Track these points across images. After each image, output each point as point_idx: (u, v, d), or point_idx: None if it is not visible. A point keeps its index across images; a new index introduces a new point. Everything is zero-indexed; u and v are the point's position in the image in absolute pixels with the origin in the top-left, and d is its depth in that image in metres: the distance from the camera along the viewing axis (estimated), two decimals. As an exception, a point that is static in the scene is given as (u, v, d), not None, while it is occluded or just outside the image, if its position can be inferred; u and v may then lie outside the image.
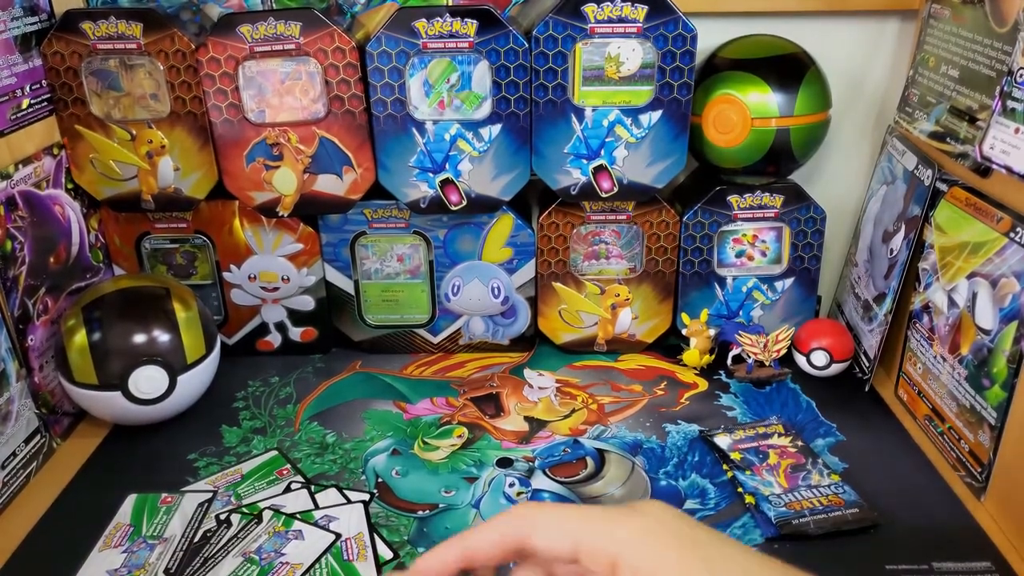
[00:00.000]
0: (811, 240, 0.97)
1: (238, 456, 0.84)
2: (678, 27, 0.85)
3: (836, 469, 0.80)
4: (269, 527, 0.72)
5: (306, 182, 0.92)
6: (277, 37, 0.85)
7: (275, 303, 1.00)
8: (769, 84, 0.88)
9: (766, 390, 0.94)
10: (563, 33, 0.85)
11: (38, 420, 0.83)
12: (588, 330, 1.02)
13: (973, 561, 0.69)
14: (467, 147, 0.90)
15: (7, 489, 0.78)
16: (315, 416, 0.90)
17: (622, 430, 0.87)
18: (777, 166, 0.92)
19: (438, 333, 1.03)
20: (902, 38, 0.98)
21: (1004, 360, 0.71)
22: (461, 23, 0.84)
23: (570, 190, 0.93)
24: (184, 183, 0.92)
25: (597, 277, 0.99)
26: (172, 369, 0.84)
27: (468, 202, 0.92)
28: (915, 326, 0.87)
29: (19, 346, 0.80)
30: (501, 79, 0.87)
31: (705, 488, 0.79)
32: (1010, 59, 0.71)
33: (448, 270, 0.98)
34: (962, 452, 0.79)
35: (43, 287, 0.85)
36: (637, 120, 0.88)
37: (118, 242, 0.97)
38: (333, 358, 1.03)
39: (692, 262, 0.98)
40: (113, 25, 0.85)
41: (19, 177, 0.81)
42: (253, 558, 0.69)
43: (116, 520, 0.75)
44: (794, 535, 0.72)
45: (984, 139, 0.72)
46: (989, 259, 0.74)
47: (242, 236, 0.96)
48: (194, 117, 0.89)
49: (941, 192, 0.83)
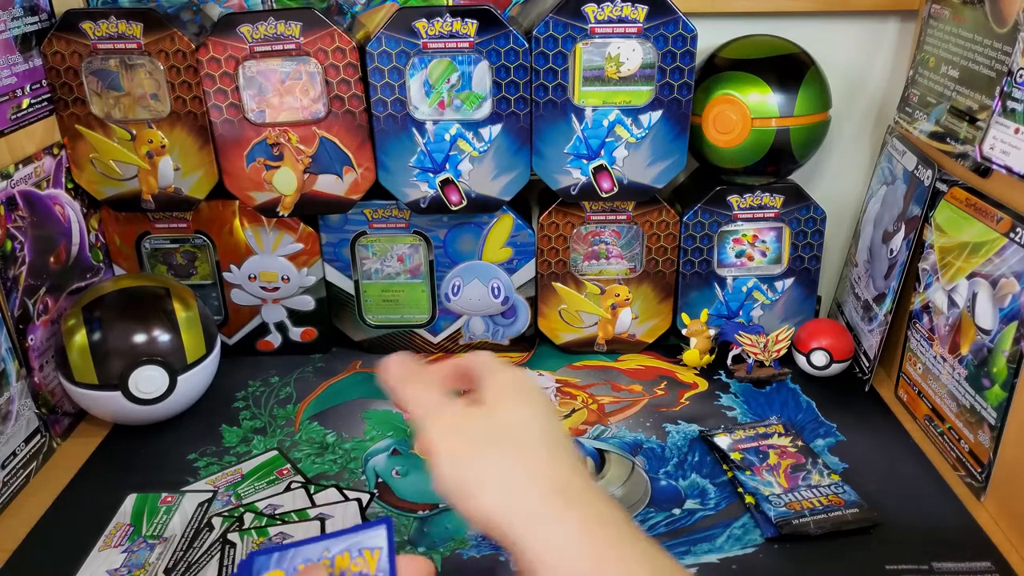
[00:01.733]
0: (811, 240, 0.97)
1: (238, 456, 0.84)
2: (678, 27, 0.85)
3: (836, 469, 0.80)
4: (247, 546, 0.71)
5: (306, 182, 0.92)
6: (277, 37, 0.85)
7: (275, 303, 1.00)
8: (769, 84, 0.88)
9: (766, 390, 0.94)
10: (563, 33, 0.85)
11: (38, 420, 0.83)
12: (588, 330, 1.02)
13: (973, 561, 0.69)
14: (467, 147, 0.90)
15: (7, 489, 0.78)
16: (315, 416, 0.91)
17: (622, 430, 0.87)
18: (777, 166, 0.92)
19: (438, 333, 1.03)
20: (902, 38, 0.98)
21: (1004, 360, 0.71)
22: (461, 23, 0.84)
23: (570, 190, 0.93)
24: (184, 183, 0.92)
25: (597, 277, 1.00)
26: (172, 369, 0.84)
27: (468, 202, 0.92)
28: (915, 326, 0.87)
29: (19, 346, 0.80)
30: (501, 79, 0.87)
31: (705, 488, 0.79)
32: (1010, 59, 0.71)
33: (448, 270, 0.98)
34: (962, 452, 0.79)
35: (43, 287, 0.85)
36: (637, 120, 0.88)
37: (118, 242, 0.97)
38: (333, 358, 1.03)
39: (692, 262, 0.98)
40: (113, 25, 0.85)
41: (19, 177, 0.81)
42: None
43: (116, 520, 0.75)
44: (794, 535, 0.72)
45: (984, 139, 0.72)
46: (989, 259, 0.74)
47: (242, 236, 0.96)
48: (194, 117, 0.89)
49: (941, 192, 0.83)
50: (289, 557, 0.46)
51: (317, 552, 0.46)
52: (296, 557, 0.46)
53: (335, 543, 0.46)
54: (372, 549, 0.45)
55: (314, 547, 0.46)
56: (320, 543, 0.46)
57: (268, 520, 0.74)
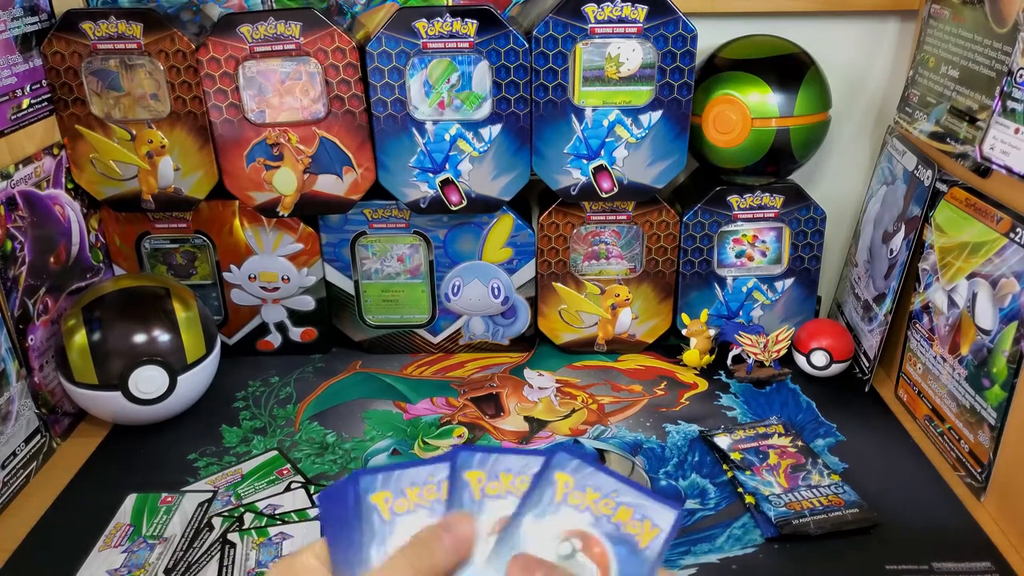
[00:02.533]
0: (811, 240, 0.97)
1: (238, 456, 0.84)
2: (678, 27, 0.85)
3: (836, 469, 0.80)
4: (247, 546, 0.71)
5: (306, 182, 0.92)
6: (277, 37, 0.85)
7: (275, 303, 1.00)
8: (769, 84, 0.88)
9: (766, 390, 0.94)
10: (563, 33, 0.85)
11: (38, 420, 0.83)
12: (588, 330, 1.02)
13: (973, 561, 0.69)
14: (467, 147, 0.90)
15: (7, 489, 0.78)
16: (315, 416, 0.91)
17: (622, 430, 0.87)
18: (777, 166, 0.92)
19: (438, 333, 1.03)
20: (902, 38, 0.98)
21: (1004, 360, 0.71)
22: (461, 23, 0.84)
23: (570, 190, 0.93)
24: (184, 183, 0.92)
25: (597, 277, 1.00)
26: (172, 369, 0.84)
27: (468, 202, 0.92)
28: (915, 326, 0.87)
29: (19, 346, 0.80)
30: (501, 79, 0.87)
31: (705, 488, 0.79)
32: (1010, 59, 0.71)
33: (448, 270, 0.98)
34: (962, 452, 0.79)
35: (43, 287, 0.85)
36: (637, 120, 0.88)
37: (118, 242, 0.97)
38: (333, 358, 1.03)
39: (692, 262, 0.98)
40: (113, 25, 0.85)
41: (19, 177, 0.81)
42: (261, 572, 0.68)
43: (116, 520, 0.75)
44: (794, 535, 0.72)
45: (984, 139, 0.72)
46: (989, 259, 0.74)
47: (242, 236, 0.96)
48: (194, 117, 0.89)
49: (941, 192, 0.83)
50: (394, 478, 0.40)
51: (419, 477, 0.41)
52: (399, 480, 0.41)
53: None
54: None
55: (411, 472, 0.41)
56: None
57: (268, 520, 0.74)
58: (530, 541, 0.39)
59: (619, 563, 0.39)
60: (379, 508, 0.41)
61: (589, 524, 0.39)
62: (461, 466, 0.41)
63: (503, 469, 0.41)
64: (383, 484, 0.41)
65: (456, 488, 0.40)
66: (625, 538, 0.39)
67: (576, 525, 0.39)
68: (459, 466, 0.41)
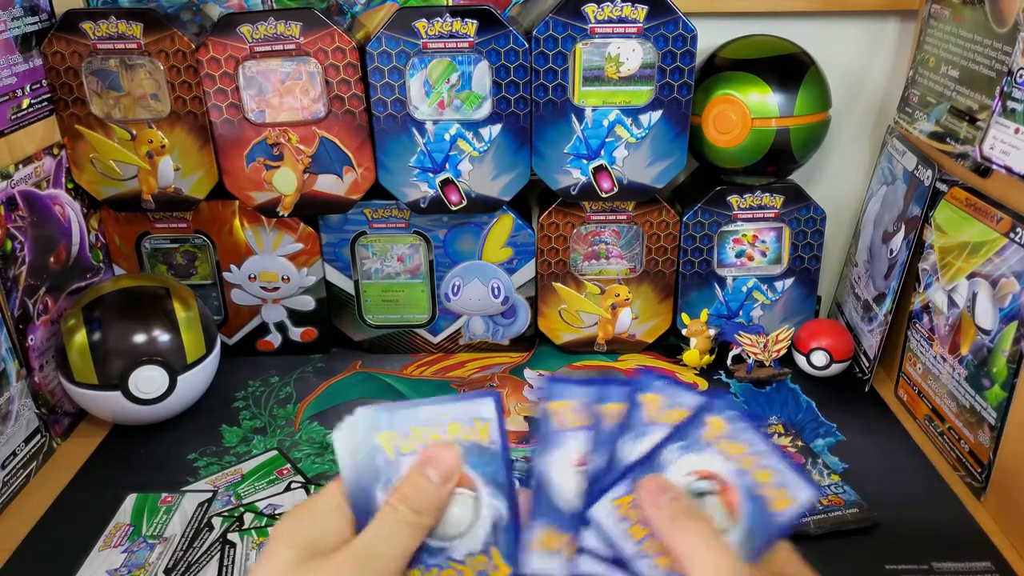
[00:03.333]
0: (811, 240, 0.97)
1: (238, 456, 0.84)
2: (678, 27, 0.85)
3: (836, 469, 0.80)
4: (247, 546, 0.71)
5: (306, 182, 0.92)
6: (277, 37, 0.85)
7: (275, 303, 1.00)
8: (769, 84, 0.88)
9: (766, 390, 0.94)
10: (563, 33, 0.85)
11: (38, 420, 0.83)
12: (588, 330, 1.02)
13: (973, 561, 0.69)
14: (467, 147, 0.90)
15: (7, 489, 0.78)
16: (315, 416, 0.91)
17: (622, 430, 0.87)
18: (777, 166, 0.92)
19: (438, 333, 1.03)
20: (902, 38, 0.98)
21: (1004, 360, 0.71)
22: (461, 23, 0.84)
23: (570, 190, 0.93)
24: (184, 183, 0.92)
25: (597, 277, 1.00)
26: (172, 369, 0.84)
27: (468, 202, 0.92)
28: (915, 326, 0.87)
29: (19, 346, 0.80)
30: (501, 79, 0.87)
31: (705, 488, 0.78)
32: (1010, 59, 0.71)
33: (448, 270, 0.98)
34: (962, 452, 0.79)
35: (43, 287, 0.85)
36: (637, 120, 0.88)
37: (118, 242, 0.97)
38: (333, 358, 1.03)
39: (692, 262, 0.98)
40: (113, 25, 0.85)
41: (19, 177, 0.81)
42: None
43: (116, 520, 0.75)
44: (794, 535, 0.71)
45: (984, 139, 0.72)
46: (989, 259, 0.74)
47: (242, 236, 0.96)
48: (194, 117, 0.89)
49: (941, 192, 0.83)
50: (399, 417, 0.43)
51: (427, 417, 0.43)
52: (405, 419, 0.43)
53: (444, 410, 0.43)
54: (483, 420, 0.43)
55: (421, 410, 0.43)
56: (426, 407, 0.43)
57: (268, 520, 0.74)
58: (669, 469, 0.41)
59: (748, 518, 0.41)
60: (383, 448, 0.42)
61: (731, 473, 0.41)
62: (642, 387, 0.42)
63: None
64: (388, 423, 0.42)
65: (633, 409, 0.42)
66: (760, 498, 0.41)
67: (717, 470, 0.41)
68: (642, 386, 0.42)
